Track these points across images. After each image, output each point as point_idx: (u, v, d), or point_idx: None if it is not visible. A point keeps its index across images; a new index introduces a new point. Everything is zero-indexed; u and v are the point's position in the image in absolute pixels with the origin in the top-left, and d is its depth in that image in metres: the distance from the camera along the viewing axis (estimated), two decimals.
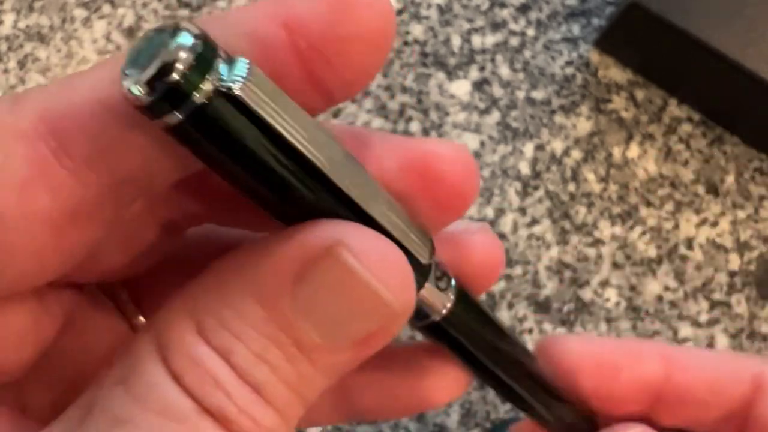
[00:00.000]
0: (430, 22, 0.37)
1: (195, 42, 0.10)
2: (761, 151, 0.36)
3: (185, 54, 0.10)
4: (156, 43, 0.10)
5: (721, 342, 0.34)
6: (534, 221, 0.35)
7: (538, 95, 0.36)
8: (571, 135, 0.36)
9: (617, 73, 0.36)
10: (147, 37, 0.11)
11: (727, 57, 0.31)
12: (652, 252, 0.35)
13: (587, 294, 0.34)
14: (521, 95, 0.36)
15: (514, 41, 0.37)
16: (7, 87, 0.36)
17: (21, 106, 0.11)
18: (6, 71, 0.36)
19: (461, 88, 0.36)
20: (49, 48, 0.36)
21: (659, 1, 0.32)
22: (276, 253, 0.11)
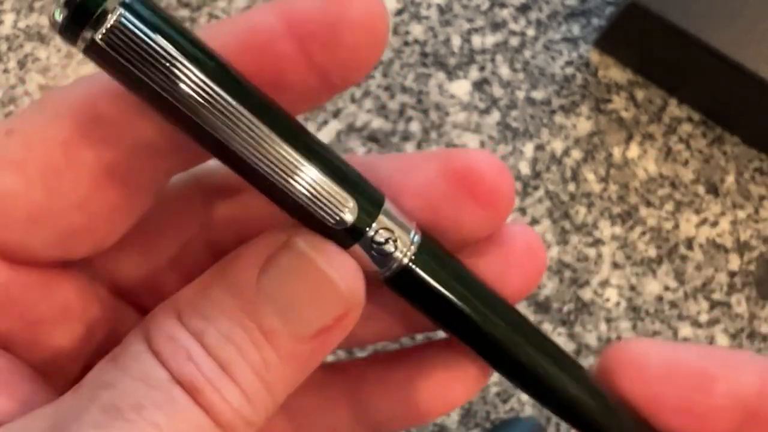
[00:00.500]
0: (430, 22, 0.37)
1: None
2: (761, 151, 0.36)
3: None
4: None
5: (721, 342, 0.34)
6: (534, 221, 0.35)
7: (538, 95, 0.36)
8: (571, 135, 0.36)
9: (617, 73, 0.36)
10: None
11: (727, 57, 0.31)
12: (652, 252, 0.35)
13: (587, 294, 0.34)
14: (521, 95, 0.36)
15: (514, 41, 0.37)
16: (7, 87, 0.36)
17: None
18: (6, 71, 0.36)
19: (461, 88, 0.36)
20: (49, 48, 0.36)
21: (659, 1, 0.32)
22: (244, 254, 0.13)
